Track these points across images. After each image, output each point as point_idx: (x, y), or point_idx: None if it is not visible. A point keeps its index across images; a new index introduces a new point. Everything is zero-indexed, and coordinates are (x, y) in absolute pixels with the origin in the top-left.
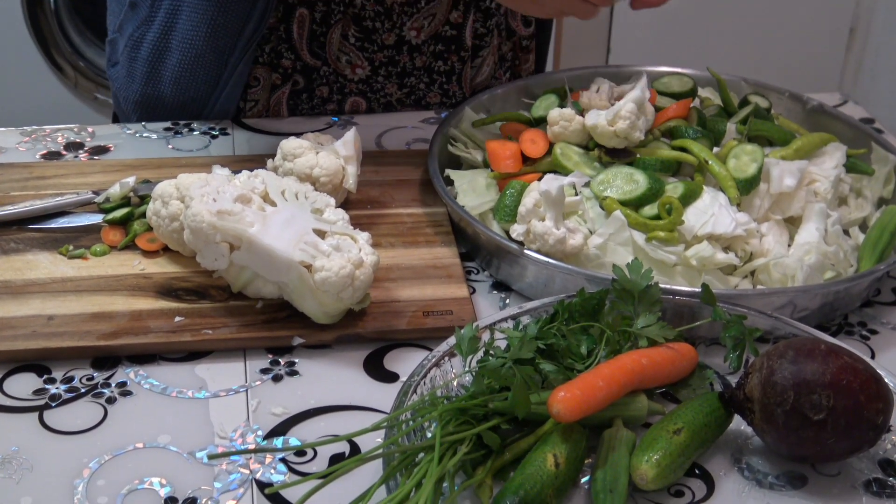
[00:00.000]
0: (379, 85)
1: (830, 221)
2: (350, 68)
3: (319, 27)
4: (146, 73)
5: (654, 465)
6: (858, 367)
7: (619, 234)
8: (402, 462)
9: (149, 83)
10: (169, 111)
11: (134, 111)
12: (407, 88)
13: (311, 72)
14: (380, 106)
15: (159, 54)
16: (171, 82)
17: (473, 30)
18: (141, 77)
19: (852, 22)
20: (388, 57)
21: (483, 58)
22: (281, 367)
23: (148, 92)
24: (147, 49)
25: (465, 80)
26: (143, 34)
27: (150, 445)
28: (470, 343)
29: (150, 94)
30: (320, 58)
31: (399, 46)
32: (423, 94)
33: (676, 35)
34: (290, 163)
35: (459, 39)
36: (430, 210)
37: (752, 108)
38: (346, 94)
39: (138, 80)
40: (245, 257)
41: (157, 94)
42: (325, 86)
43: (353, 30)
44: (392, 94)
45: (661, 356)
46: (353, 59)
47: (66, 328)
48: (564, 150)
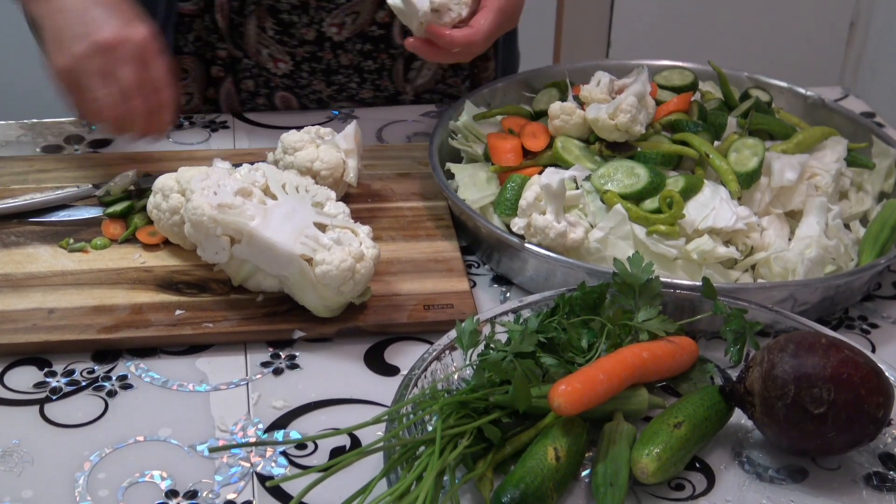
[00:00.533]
0: (304, 81)
1: (831, 215)
2: (272, 62)
3: (237, 17)
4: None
5: (654, 458)
6: (859, 361)
7: (620, 227)
8: (403, 455)
9: None
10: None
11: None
12: (335, 86)
13: (236, 63)
14: (311, 102)
15: None
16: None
17: (403, 30)
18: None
19: (853, 16)
20: (309, 53)
21: (423, 61)
22: (282, 360)
23: None
24: None
25: (398, 76)
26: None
27: (151, 438)
28: (471, 336)
29: None
30: (241, 49)
31: (320, 42)
32: (356, 91)
33: (677, 29)
34: (290, 156)
35: (388, 38)
36: (430, 203)
37: (753, 102)
38: (273, 88)
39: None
40: (246, 251)
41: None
42: (251, 79)
43: (270, 22)
44: (321, 91)
45: (661, 350)
46: (274, 53)
47: (66, 321)
48: (565, 143)
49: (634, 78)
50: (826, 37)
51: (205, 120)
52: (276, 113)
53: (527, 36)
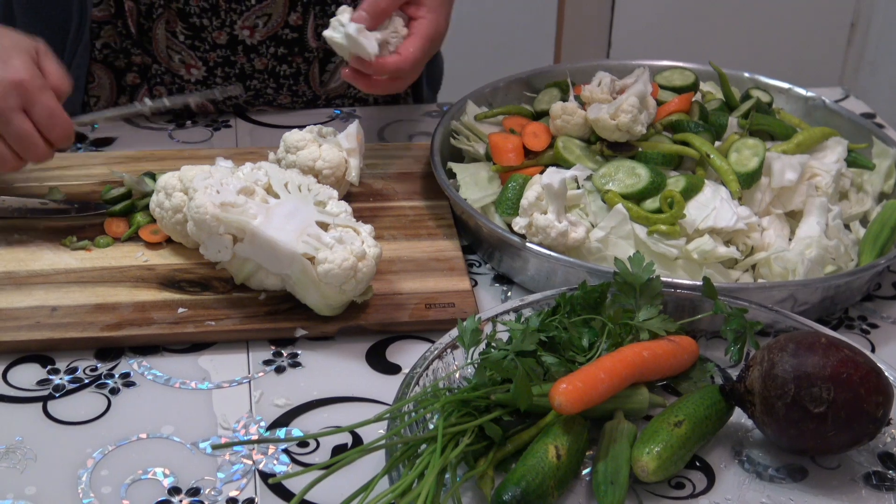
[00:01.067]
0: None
1: (831, 216)
2: (184, 68)
3: (146, 21)
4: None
5: (655, 457)
6: (859, 361)
7: (621, 227)
8: (405, 453)
9: None
10: None
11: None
12: (252, 91)
13: (146, 70)
14: (228, 108)
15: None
16: None
17: (317, 32)
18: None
19: (853, 16)
20: (222, 57)
21: (336, 63)
22: (284, 358)
23: None
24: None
25: (314, 80)
26: None
27: (154, 436)
28: (472, 335)
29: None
30: (151, 55)
31: (233, 46)
32: (273, 97)
33: (677, 30)
34: (293, 155)
35: (302, 41)
36: (432, 203)
37: (754, 103)
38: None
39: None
40: (248, 249)
41: None
42: (162, 85)
43: (180, 26)
44: (238, 97)
45: (662, 349)
46: (186, 59)
47: (69, 319)
48: (566, 143)
49: (635, 78)
50: (826, 37)
51: (207, 119)
52: (279, 112)
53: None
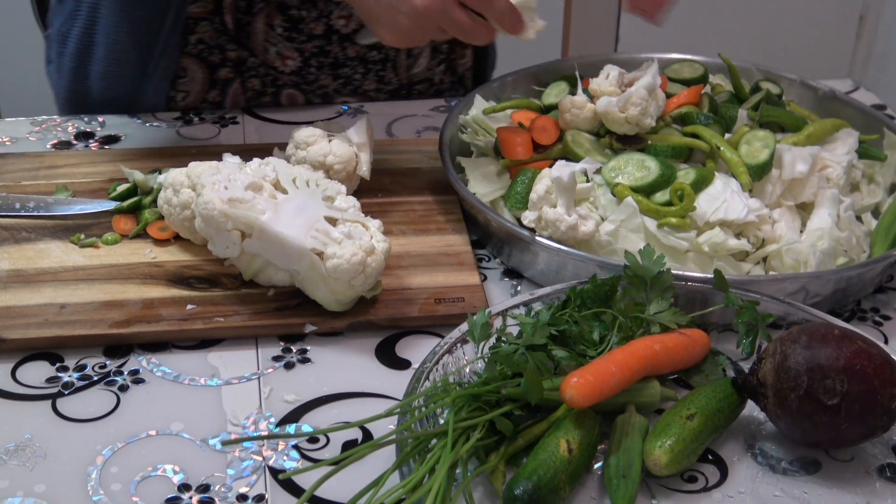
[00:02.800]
0: (312, 76)
1: (843, 207)
2: (280, 60)
3: (245, 16)
4: (73, 68)
5: (667, 450)
6: (872, 352)
7: (631, 220)
8: (415, 448)
9: (76, 79)
10: (97, 107)
11: (63, 108)
12: (342, 79)
13: (241, 63)
14: (317, 97)
15: (85, 49)
16: (99, 77)
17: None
18: (68, 73)
19: (862, 9)
20: (317, 47)
21: (421, 49)
22: (293, 354)
23: (75, 88)
24: (73, 44)
25: (401, 67)
26: (69, 29)
27: (163, 433)
28: (482, 329)
29: (78, 91)
30: (248, 49)
31: (329, 36)
32: (360, 83)
33: (686, 22)
34: (302, 151)
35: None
36: (441, 198)
37: (764, 94)
38: (280, 86)
39: (66, 75)
40: (256, 245)
41: (85, 90)
42: (256, 78)
43: (279, 19)
44: (328, 86)
45: (673, 342)
46: (283, 51)
47: (78, 316)
48: (576, 136)
49: (644, 71)
50: (835, 30)
51: (214, 115)
52: (286, 108)
53: None
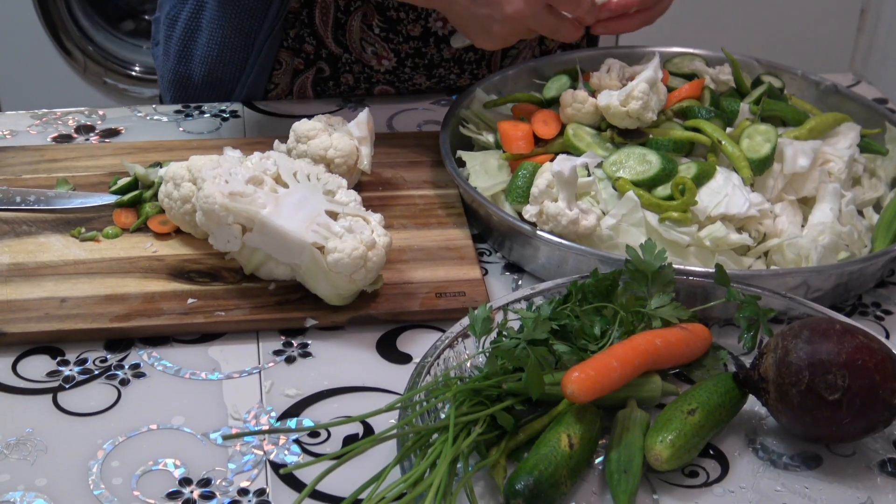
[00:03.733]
0: (406, 76)
1: (844, 202)
2: (376, 59)
3: (342, 15)
4: (179, 51)
5: (668, 445)
6: (874, 347)
7: (632, 214)
8: (417, 443)
9: (181, 62)
10: (199, 91)
11: (168, 90)
12: (436, 78)
13: (336, 59)
14: (409, 93)
15: (191, 33)
16: (201, 62)
17: None
18: (175, 55)
19: (863, 2)
20: (414, 48)
21: (519, 49)
22: (294, 348)
23: (180, 70)
24: (181, 27)
25: (495, 65)
26: (179, 12)
27: (164, 427)
28: (483, 324)
29: (182, 73)
30: (343, 46)
31: (425, 38)
32: (454, 82)
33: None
34: (303, 145)
35: None
36: (442, 192)
37: (766, 88)
38: (374, 83)
39: (172, 58)
40: (257, 239)
41: (188, 72)
42: (350, 74)
43: (377, 19)
44: (421, 83)
45: (674, 337)
46: (379, 51)
47: (78, 310)
48: (577, 130)
49: (646, 64)
50: (836, 24)
51: (215, 109)
52: (286, 101)
53: None
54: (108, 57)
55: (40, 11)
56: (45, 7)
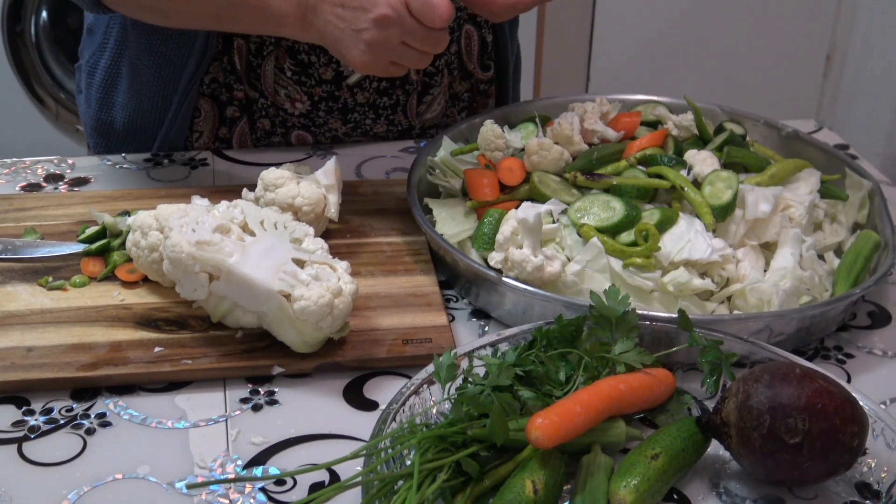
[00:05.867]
0: (321, 119)
1: (805, 246)
2: (290, 102)
3: (255, 58)
4: (100, 98)
5: (632, 490)
6: (833, 391)
7: (597, 260)
8: (381, 490)
9: (102, 108)
10: (121, 139)
11: (91, 136)
12: (351, 123)
13: (252, 104)
14: (326, 139)
15: (111, 80)
16: (121, 108)
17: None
18: (95, 102)
19: (829, 49)
20: (327, 92)
21: (433, 96)
22: (261, 396)
23: (101, 117)
24: (101, 74)
25: (411, 111)
26: (98, 60)
27: (130, 476)
28: (448, 370)
29: (104, 120)
30: (258, 90)
31: (338, 82)
32: (370, 127)
33: (655, 63)
34: (271, 193)
35: (405, 76)
36: (409, 238)
37: (727, 136)
38: (290, 127)
39: (94, 105)
40: (224, 287)
41: (110, 119)
42: (266, 118)
43: (288, 63)
44: (337, 129)
45: (638, 382)
46: (292, 94)
47: (45, 359)
48: (542, 178)
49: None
50: (803, 70)
51: (184, 157)
52: (255, 150)
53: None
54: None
55: (12, 59)
56: (17, 55)
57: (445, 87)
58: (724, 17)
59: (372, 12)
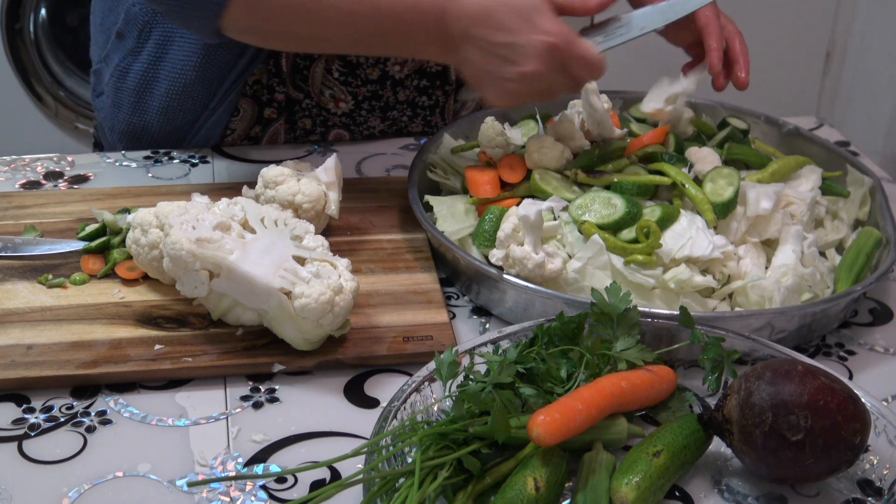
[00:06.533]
0: (362, 118)
1: (807, 243)
2: (333, 102)
3: (303, 61)
4: (133, 102)
5: (634, 487)
6: (835, 388)
7: (598, 257)
8: (383, 488)
9: (135, 112)
10: (154, 140)
11: (120, 140)
12: (389, 121)
13: (294, 104)
14: (362, 137)
15: (146, 84)
16: (158, 112)
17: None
18: (128, 107)
19: (828, 46)
20: (371, 91)
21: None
22: (261, 394)
23: (134, 121)
24: (134, 79)
25: (448, 112)
26: (130, 64)
27: (130, 474)
28: (449, 368)
29: (137, 124)
30: (303, 91)
31: (383, 81)
32: (406, 125)
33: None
34: (271, 190)
35: (445, 75)
36: (409, 236)
37: (729, 132)
38: (329, 126)
39: (125, 109)
40: (224, 285)
41: (144, 123)
42: (308, 118)
43: (336, 64)
44: (375, 127)
45: (640, 379)
46: (337, 94)
47: (45, 357)
48: (543, 175)
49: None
50: (803, 67)
51: (184, 155)
52: (256, 147)
53: None
54: (80, 102)
55: (11, 58)
56: (16, 52)
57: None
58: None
59: (520, 66)
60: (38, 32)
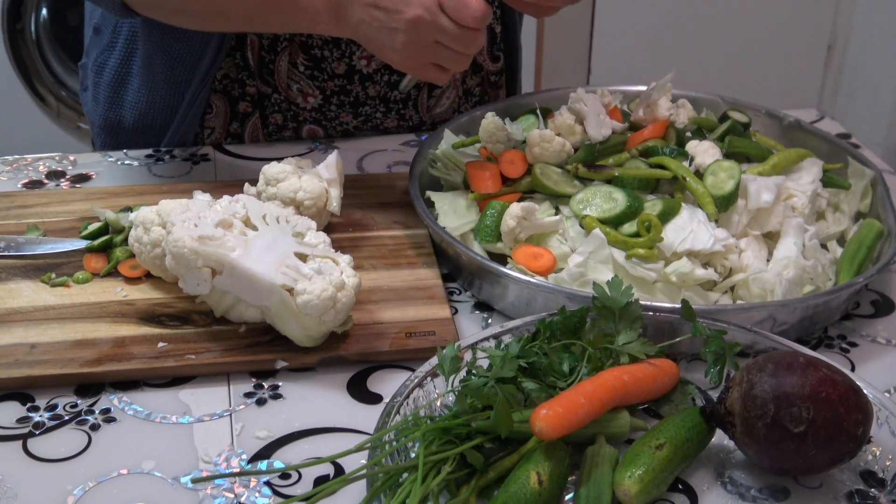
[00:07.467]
0: (332, 113)
1: (808, 236)
2: (302, 97)
3: (268, 54)
4: (108, 97)
5: (637, 480)
6: (837, 379)
7: (599, 251)
8: (386, 483)
9: (111, 108)
10: (129, 137)
11: (98, 136)
12: (362, 117)
13: (264, 99)
14: (337, 133)
15: (121, 79)
16: (131, 107)
17: None
18: (104, 101)
19: (830, 39)
20: (339, 86)
21: (443, 90)
22: (265, 390)
23: (110, 116)
24: (109, 73)
25: (422, 105)
26: (106, 59)
27: (135, 471)
28: (452, 363)
29: (112, 119)
30: (271, 85)
31: (350, 76)
32: (380, 121)
33: (657, 54)
34: (273, 187)
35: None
36: (411, 232)
37: (729, 125)
38: (301, 121)
39: (102, 104)
40: (227, 282)
41: (119, 118)
42: (279, 113)
43: (301, 58)
44: (348, 123)
45: (642, 372)
46: (305, 88)
47: (49, 356)
48: (544, 170)
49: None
50: (804, 60)
51: (186, 153)
52: (257, 145)
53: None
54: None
55: (13, 57)
56: (18, 52)
57: (457, 81)
58: (726, 7)
59: (405, 14)
60: (39, 32)
